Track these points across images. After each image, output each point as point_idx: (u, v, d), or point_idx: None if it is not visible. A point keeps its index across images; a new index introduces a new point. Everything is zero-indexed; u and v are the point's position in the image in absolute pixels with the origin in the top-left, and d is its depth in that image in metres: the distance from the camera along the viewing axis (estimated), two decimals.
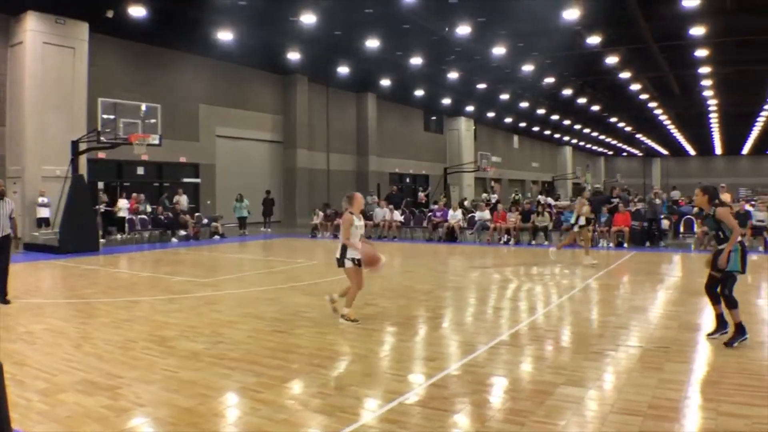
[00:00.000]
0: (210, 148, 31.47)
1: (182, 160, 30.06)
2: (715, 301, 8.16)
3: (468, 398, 5.93)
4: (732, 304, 7.82)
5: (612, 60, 28.57)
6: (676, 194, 33.80)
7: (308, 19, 22.88)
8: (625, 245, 21.50)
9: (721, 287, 7.97)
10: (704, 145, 72.48)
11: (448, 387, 6.25)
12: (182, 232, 24.76)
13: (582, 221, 17.01)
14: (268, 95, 34.99)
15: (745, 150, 75.10)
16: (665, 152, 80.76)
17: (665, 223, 22.64)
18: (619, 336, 8.44)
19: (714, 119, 51.61)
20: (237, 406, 5.80)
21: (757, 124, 52.65)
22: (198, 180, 31.12)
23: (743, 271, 7.97)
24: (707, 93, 38.37)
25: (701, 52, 26.89)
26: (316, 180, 37.31)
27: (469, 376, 6.60)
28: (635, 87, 36.27)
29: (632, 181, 76.02)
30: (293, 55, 28.97)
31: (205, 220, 26.43)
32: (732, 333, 7.86)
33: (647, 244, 21.72)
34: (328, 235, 26.30)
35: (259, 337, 8.33)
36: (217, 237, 25.28)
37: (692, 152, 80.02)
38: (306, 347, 7.79)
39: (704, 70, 30.90)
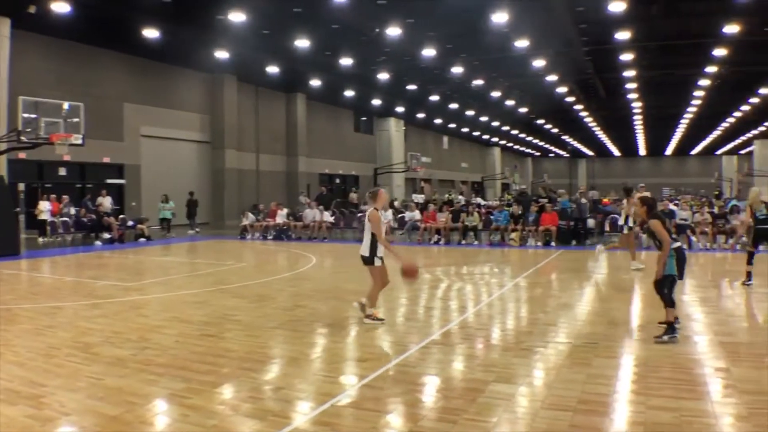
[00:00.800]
0: (135, 148, 30.71)
1: (106, 160, 29.25)
2: (667, 303, 8.39)
3: (400, 398, 5.92)
4: (668, 304, 8.20)
5: (539, 63, 29.10)
6: (594, 194, 34.58)
7: (236, 17, 22.57)
8: (553, 244, 21.92)
9: (659, 287, 8.34)
10: (629, 147, 74.60)
11: (380, 387, 6.22)
12: (106, 235, 24.10)
13: (631, 222, 15.97)
14: (195, 94, 34.40)
15: (669, 151, 77.60)
16: (591, 153, 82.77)
17: (591, 222, 23.19)
18: (548, 333, 8.58)
19: (638, 121, 53.14)
20: (165, 413, 5.65)
21: (680, 126, 54.44)
22: (122, 181, 30.34)
23: (680, 277, 8.39)
24: (632, 96, 39.47)
25: (626, 56, 27.63)
26: (245, 181, 36.86)
27: (402, 376, 6.60)
28: (562, 89, 37.04)
29: (559, 181, 77.68)
30: (221, 54, 28.54)
31: (130, 223, 25.79)
32: (664, 330, 8.12)
33: (574, 242, 22.19)
34: (257, 237, 26.01)
35: (187, 341, 8.14)
36: (142, 240, 24.68)
37: (617, 153, 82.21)
38: (236, 351, 7.65)
39: (629, 73, 31.77)
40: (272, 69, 31.57)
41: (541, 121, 54.16)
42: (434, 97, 40.84)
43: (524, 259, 18.48)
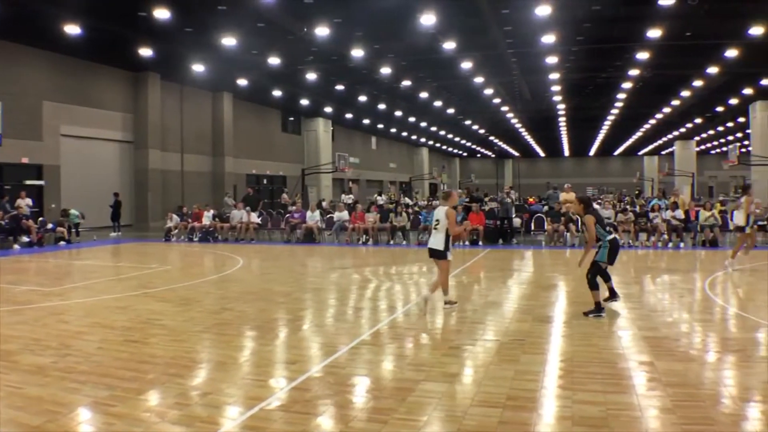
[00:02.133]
0: (54, 147, 29.69)
1: (24, 160, 28.20)
2: (604, 280, 9.84)
3: (331, 400, 5.88)
4: (593, 287, 9.56)
5: (467, 65, 29.44)
6: (512, 198, 35.09)
7: (159, 14, 22.06)
8: (480, 243, 22.21)
9: (588, 271, 9.67)
10: (554, 147, 76.19)
11: (310, 389, 6.17)
12: (25, 239, 23.20)
13: (751, 221, 15.40)
14: (118, 93, 33.51)
15: (592, 152, 79.60)
16: (517, 153, 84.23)
17: (517, 221, 23.59)
18: (476, 331, 8.68)
19: (563, 123, 54.31)
20: (89, 421, 5.46)
21: (603, 127, 55.88)
22: (42, 182, 29.29)
23: (611, 263, 9.73)
24: (557, 98, 40.31)
25: (551, 59, 28.19)
26: (170, 181, 36.11)
27: (331, 377, 6.56)
28: (488, 91, 37.56)
29: (486, 181, 78.84)
30: (144, 52, 27.85)
31: (50, 225, 24.93)
32: (593, 308, 9.45)
33: (500, 241, 22.55)
34: (183, 239, 25.54)
35: (110, 347, 7.90)
36: (62, 243, 23.91)
37: (542, 154, 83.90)
38: (161, 356, 7.47)
39: (554, 76, 32.43)
40: (197, 67, 31.01)
41: (468, 122, 54.82)
42: (362, 98, 40.87)
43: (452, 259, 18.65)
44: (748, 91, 35.46)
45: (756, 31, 21.82)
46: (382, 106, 44.54)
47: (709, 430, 5.05)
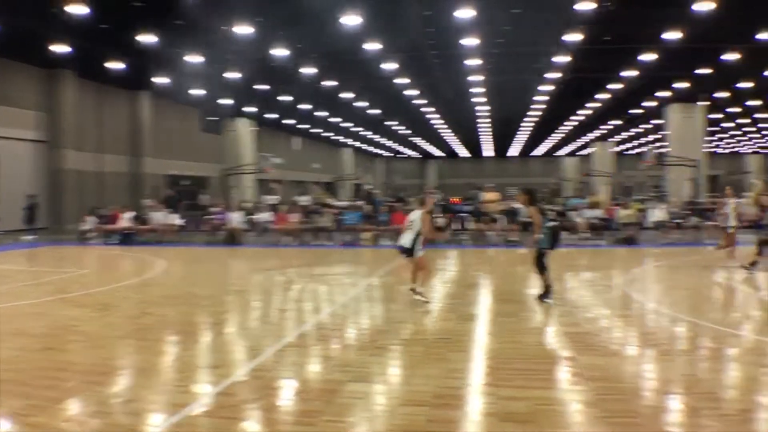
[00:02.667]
0: None
1: None
2: (540, 272, 10.44)
3: (257, 404, 5.79)
4: (542, 271, 10.39)
5: (390, 66, 29.51)
6: (435, 198, 35.44)
7: (73, 9, 21.30)
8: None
9: (535, 258, 10.41)
10: (476, 148, 77.16)
11: (235, 394, 6.05)
12: None
13: (734, 222, 15.44)
14: (30, 90, 32.23)
15: (514, 152, 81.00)
16: (440, 154, 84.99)
17: (441, 221, 23.77)
18: (402, 330, 8.71)
19: (485, 124, 55.01)
20: None
21: (524, 129, 56.90)
22: None
23: (552, 248, 10.55)
24: (478, 99, 40.80)
25: (473, 61, 28.53)
26: (87, 182, 34.96)
27: (257, 381, 6.45)
28: (412, 92, 37.75)
29: (410, 181, 79.30)
30: (58, 48, 26.87)
31: None
32: (544, 291, 10.34)
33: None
34: (101, 242, 24.79)
35: (26, 356, 7.55)
36: None
37: (465, 154, 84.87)
38: (80, 364, 7.21)
39: (476, 77, 32.82)
40: (115, 65, 30.12)
41: (392, 123, 55.01)
42: (285, 98, 40.51)
43: (377, 259, 18.70)
44: (664, 93, 36.69)
45: (671, 35, 22.58)
46: (305, 106, 44.25)
47: (631, 423, 5.17)
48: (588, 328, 8.72)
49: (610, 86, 34.59)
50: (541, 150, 76.78)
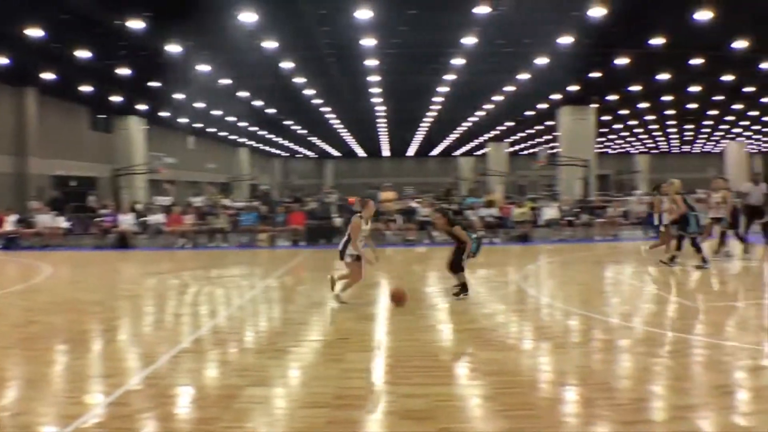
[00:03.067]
0: None
1: None
2: (454, 272, 10.69)
3: (152, 413, 5.55)
4: (459, 270, 10.65)
5: (287, 64, 29.23)
6: (333, 198, 35.42)
7: None
8: (302, 243, 22.17)
9: (453, 261, 10.67)
10: (373, 148, 77.50)
11: (129, 404, 5.79)
12: None
13: (666, 220, 15.21)
14: None
15: (411, 152, 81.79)
16: (338, 154, 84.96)
17: (339, 221, 23.73)
18: (300, 332, 8.60)
19: (382, 123, 55.31)
20: None
21: (421, 129, 57.53)
22: None
23: (475, 255, 10.74)
24: (376, 99, 40.98)
25: (371, 62, 28.61)
26: None
27: (152, 389, 6.20)
28: (310, 91, 37.54)
29: (307, 181, 78.91)
30: None
31: None
32: (461, 288, 10.59)
33: (322, 241, 22.61)
34: None
35: None
36: None
37: (362, 154, 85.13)
38: None
39: (373, 78, 32.94)
40: None
41: (289, 122, 54.57)
42: (179, 96, 39.49)
43: (274, 260, 18.50)
44: (556, 96, 37.92)
45: (563, 40, 23.33)
46: (199, 105, 43.31)
47: (528, 415, 5.25)
48: (485, 324, 8.87)
49: (504, 88, 35.45)
50: (437, 150, 77.91)
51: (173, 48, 25.54)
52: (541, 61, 27.31)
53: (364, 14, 20.56)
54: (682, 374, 6.48)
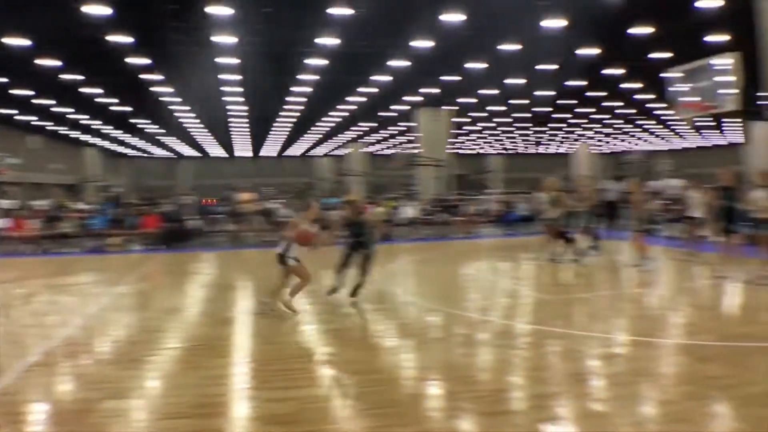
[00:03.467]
0: None
1: None
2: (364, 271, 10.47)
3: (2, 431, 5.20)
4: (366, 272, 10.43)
5: (140, 60, 28.13)
6: (188, 199, 34.59)
7: None
8: (156, 247, 21.40)
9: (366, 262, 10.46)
10: (231, 148, 76.06)
11: None
12: None
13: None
14: None
15: (270, 152, 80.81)
16: (194, 154, 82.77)
17: (194, 223, 23.13)
18: (157, 340, 8.31)
19: (240, 123, 54.37)
20: None
21: (279, 128, 56.97)
22: None
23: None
24: (233, 98, 40.20)
25: (228, 60, 28.00)
26: None
27: (1, 407, 5.78)
28: (164, 89, 36.31)
29: (161, 183, 76.35)
30: None
31: None
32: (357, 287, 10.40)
33: (177, 244, 21.92)
34: None
35: None
36: None
37: (219, 154, 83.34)
38: None
39: (231, 76, 32.26)
40: None
41: (142, 121, 52.59)
42: (21, 92, 37.12)
43: (127, 265, 17.75)
44: (414, 98, 38.66)
45: (421, 44, 23.81)
46: (44, 102, 40.91)
47: (393, 412, 5.34)
48: (348, 324, 8.92)
49: (363, 89, 35.78)
50: (297, 150, 77.59)
51: (15, 41, 24.00)
52: (399, 63, 27.78)
53: (218, 10, 20.16)
54: (540, 364, 6.80)
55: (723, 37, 23.53)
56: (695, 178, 20.19)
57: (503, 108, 44.96)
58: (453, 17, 20.60)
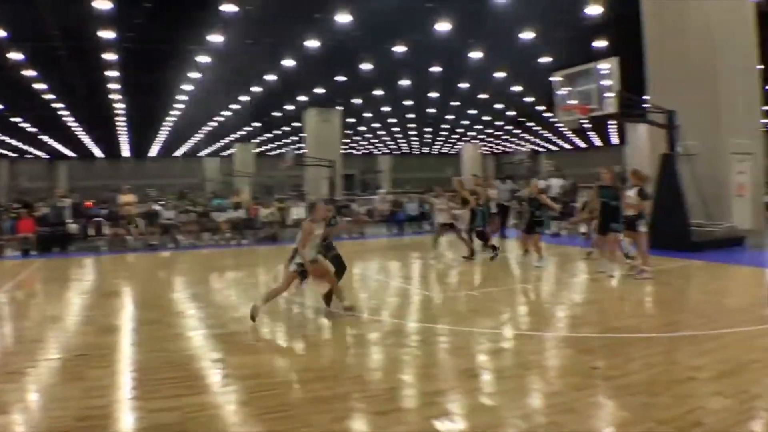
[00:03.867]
0: None
1: None
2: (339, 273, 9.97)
3: None
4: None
5: (14, 55, 26.66)
6: (67, 202, 33.17)
7: None
8: (33, 252, 20.33)
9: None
10: (113, 148, 73.34)
11: None
12: None
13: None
14: None
15: (154, 153, 78.47)
16: (73, 154, 79.39)
17: (74, 227, 22.11)
18: (36, 350, 7.83)
19: (123, 122, 52.55)
20: None
21: (165, 128, 55.34)
22: None
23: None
24: (115, 96, 38.76)
25: (109, 56, 26.96)
26: None
27: None
28: (40, 86, 34.58)
29: (38, 185, 72.80)
30: None
31: None
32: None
33: (55, 249, 20.91)
34: None
35: None
36: None
37: (101, 154, 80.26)
38: None
39: (112, 73, 31.10)
40: None
41: (16, 119, 49.97)
42: None
43: (1, 272, 16.76)
44: (302, 98, 38.43)
45: (311, 43, 23.69)
46: None
47: (286, 416, 5.25)
48: (236, 328, 8.68)
49: (252, 88, 35.27)
50: (183, 150, 75.76)
51: None
52: (289, 63, 27.56)
53: (100, 4, 19.39)
54: (430, 361, 6.86)
55: (604, 43, 24.67)
56: (579, 178, 21.10)
57: (393, 108, 45.42)
58: (342, 17, 20.62)
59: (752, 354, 6.74)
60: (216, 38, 23.37)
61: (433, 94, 39.14)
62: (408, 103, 42.92)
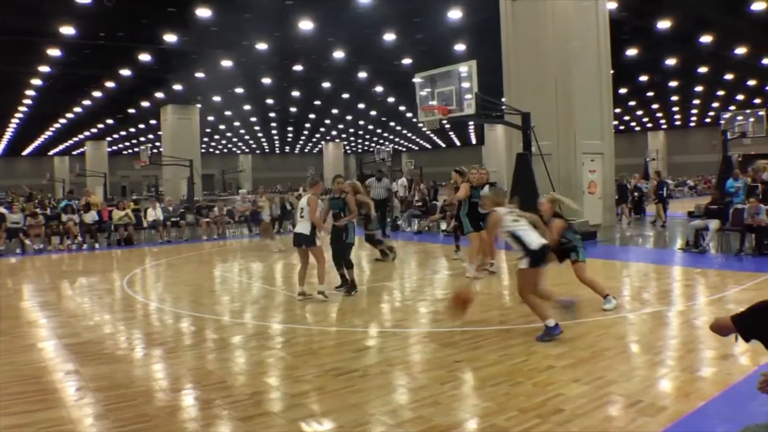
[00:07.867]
0: None
1: None
2: (339, 267, 10.78)
3: None
4: (349, 266, 10.72)
5: None
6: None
7: None
8: None
9: (341, 256, 10.68)
10: None
11: None
12: None
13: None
14: None
15: None
16: None
17: None
18: None
19: None
20: None
21: (11, 125, 51.96)
22: None
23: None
24: None
25: None
26: None
27: None
28: None
29: None
30: None
31: None
32: (351, 285, 10.71)
33: None
34: None
35: None
36: None
37: None
38: None
39: None
40: None
41: None
42: None
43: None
44: (160, 94, 37.16)
45: (169, 38, 22.97)
46: None
47: (146, 427, 5.05)
48: (89, 337, 8.26)
49: (105, 84, 33.74)
50: (30, 149, 71.47)
51: None
52: (145, 57, 26.63)
53: None
54: (294, 363, 6.79)
55: (464, 46, 25.44)
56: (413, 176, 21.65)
57: (255, 107, 44.94)
58: (202, 12, 20.16)
59: (606, 342, 7.17)
60: (68, 30, 22.22)
61: (296, 93, 39.01)
62: (270, 101, 42.57)
